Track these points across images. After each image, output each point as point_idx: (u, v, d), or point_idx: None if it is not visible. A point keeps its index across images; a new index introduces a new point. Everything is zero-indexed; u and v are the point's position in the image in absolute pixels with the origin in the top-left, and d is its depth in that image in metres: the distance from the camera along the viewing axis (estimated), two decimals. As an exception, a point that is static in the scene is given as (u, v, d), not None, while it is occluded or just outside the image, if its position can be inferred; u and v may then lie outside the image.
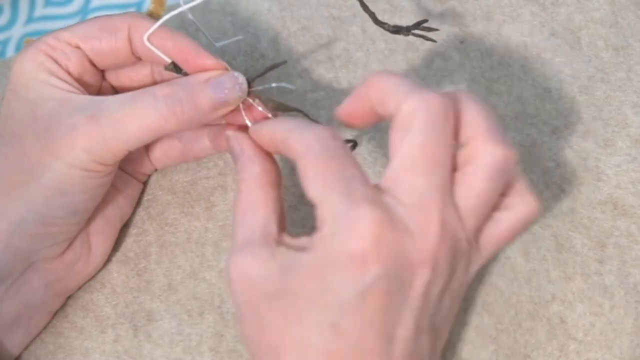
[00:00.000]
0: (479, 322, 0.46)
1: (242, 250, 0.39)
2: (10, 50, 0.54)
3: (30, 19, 0.55)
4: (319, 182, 0.38)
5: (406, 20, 0.53)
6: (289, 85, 0.44)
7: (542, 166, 0.49)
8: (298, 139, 0.39)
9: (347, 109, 0.41)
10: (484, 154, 0.38)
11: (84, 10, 0.55)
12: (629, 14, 0.53)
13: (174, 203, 0.49)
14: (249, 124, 0.43)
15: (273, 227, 0.40)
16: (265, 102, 0.43)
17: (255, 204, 0.40)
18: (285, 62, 0.44)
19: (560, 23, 0.53)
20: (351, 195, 0.37)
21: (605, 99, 0.51)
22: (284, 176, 0.49)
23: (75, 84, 0.43)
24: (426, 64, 0.52)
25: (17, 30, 0.55)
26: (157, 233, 0.49)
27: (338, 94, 0.51)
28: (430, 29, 0.44)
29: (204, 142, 0.47)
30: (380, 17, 0.44)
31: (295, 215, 0.48)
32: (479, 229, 0.39)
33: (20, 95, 0.42)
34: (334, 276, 0.36)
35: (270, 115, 0.43)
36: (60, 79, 0.42)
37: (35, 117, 0.41)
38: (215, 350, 0.46)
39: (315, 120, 0.43)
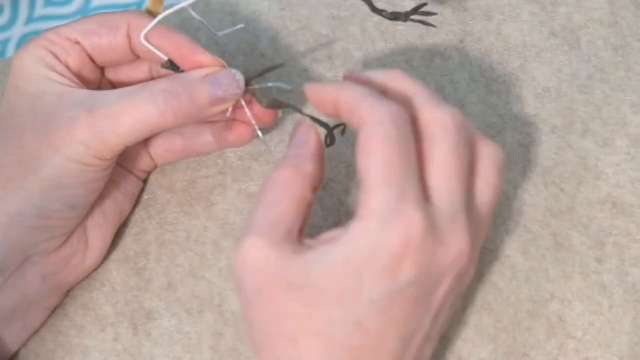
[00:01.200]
0: (478, 321, 0.46)
1: (263, 235, 0.37)
2: (10, 51, 0.54)
3: (30, 19, 0.55)
4: (381, 168, 0.36)
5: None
6: (286, 85, 0.44)
7: (541, 165, 0.49)
8: (371, 109, 0.37)
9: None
10: (488, 149, 0.40)
11: (84, 10, 0.55)
12: (629, 14, 0.53)
13: (173, 202, 0.49)
14: (253, 121, 0.43)
15: (297, 228, 0.38)
16: (261, 100, 0.43)
17: (293, 197, 0.39)
18: (283, 64, 0.44)
19: (560, 23, 0.53)
20: (406, 193, 0.36)
21: (605, 99, 0.51)
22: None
23: (75, 79, 0.43)
24: (426, 63, 0.52)
25: (18, 30, 0.55)
26: (156, 232, 0.49)
27: (338, 94, 0.51)
28: (429, 14, 0.44)
29: (206, 137, 0.47)
30: (379, 17, 0.44)
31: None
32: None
33: (20, 90, 0.42)
34: (369, 273, 0.36)
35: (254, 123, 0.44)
36: (60, 73, 0.43)
37: (35, 111, 0.42)
38: (215, 349, 0.46)
39: (315, 118, 0.43)
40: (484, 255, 0.47)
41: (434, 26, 0.45)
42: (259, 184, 0.49)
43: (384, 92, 0.40)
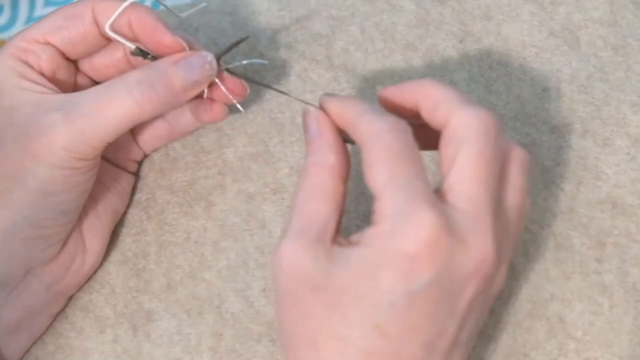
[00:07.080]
0: (478, 321, 0.46)
1: (298, 240, 0.37)
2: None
3: (30, 19, 0.55)
4: (385, 175, 0.37)
5: (405, 19, 0.53)
6: (260, 61, 0.44)
7: (541, 165, 0.49)
8: (369, 125, 0.38)
9: (390, 95, 0.41)
10: (516, 152, 0.40)
11: (82, 10, 0.55)
12: (628, 14, 0.53)
13: (172, 203, 0.49)
14: (233, 100, 0.44)
15: (333, 225, 0.38)
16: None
17: (322, 194, 0.39)
18: (248, 37, 0.44)
19: (559, 22, 0.53)
20: (415, 195, 0.36)
21: (604, 98, 0.51)
22: (288, 174, 0.49)
23: (49, 84, 0.43)
24: (425, 63, 0.52)
25: (18, 30, 0.55)
26: (156, 233, 0.49)
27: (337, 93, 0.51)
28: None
29: (187, 116, 0.47)
30: (379, 17, 0.44)
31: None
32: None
33: None
34: (385, 274, 0.36)
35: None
36: (33, 81, 0.42)
37: (12, 123, 0.41)
38: (214, 350, 0.46)
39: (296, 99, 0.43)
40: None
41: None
42: (258, 184, 0.49)
43: (415, 103, 0.40)
